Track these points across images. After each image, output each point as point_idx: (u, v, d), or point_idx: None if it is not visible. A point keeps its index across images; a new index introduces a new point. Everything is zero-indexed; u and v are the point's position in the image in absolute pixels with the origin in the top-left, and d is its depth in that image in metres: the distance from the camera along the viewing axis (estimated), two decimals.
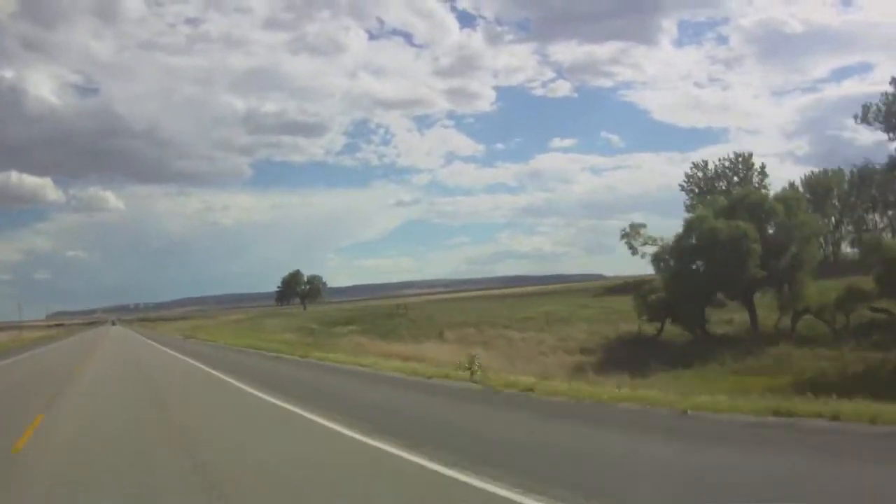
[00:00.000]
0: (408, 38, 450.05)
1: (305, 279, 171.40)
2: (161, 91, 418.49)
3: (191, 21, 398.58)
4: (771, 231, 41.80)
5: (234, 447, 9.79)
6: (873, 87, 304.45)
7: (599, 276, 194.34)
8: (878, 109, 59.78)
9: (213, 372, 23.66)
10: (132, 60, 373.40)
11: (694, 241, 40.67)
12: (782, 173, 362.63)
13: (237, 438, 10.56)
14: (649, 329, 40.43)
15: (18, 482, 8.25)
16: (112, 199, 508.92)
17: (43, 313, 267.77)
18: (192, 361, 29.95)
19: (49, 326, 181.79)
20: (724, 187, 77.05)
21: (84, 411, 14.67)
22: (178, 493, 7.30)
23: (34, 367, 32.63)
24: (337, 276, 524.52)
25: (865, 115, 60.93)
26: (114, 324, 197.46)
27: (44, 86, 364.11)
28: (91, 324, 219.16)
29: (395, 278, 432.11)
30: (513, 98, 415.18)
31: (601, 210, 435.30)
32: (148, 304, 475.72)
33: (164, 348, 42.72)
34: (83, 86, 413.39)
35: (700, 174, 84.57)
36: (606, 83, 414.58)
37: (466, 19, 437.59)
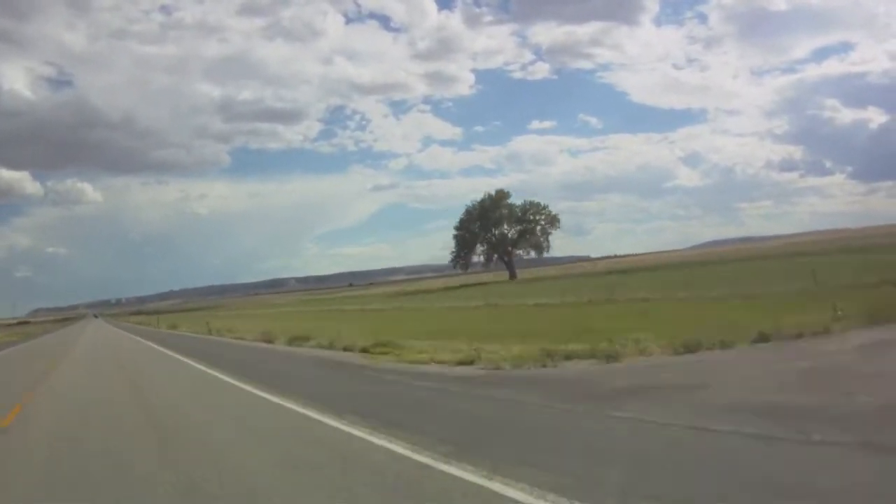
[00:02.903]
0: (385, 21, 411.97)
1: (519, 212, 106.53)
2: (136, 81, 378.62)
3: (164, 8, 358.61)
4: None
5: None
6: (853, 66, 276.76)
7: (586, 258, 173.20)
8: None
9: None
10: (105, 50, 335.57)
11: None
12: (761, 152, 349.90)
13: None
14: None
15: None
16: (90, 190, 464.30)
17: (23, 310, 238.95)
18: None
19: (9, 325, 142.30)
20: None
21: None
22: None
23: None
24: (317, 263, 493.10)
25: None
26: (96, 317, 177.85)
27: (17, 79, 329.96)
28: (66, 320, 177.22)
29: (376, 264, 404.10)
30: (492, 81, 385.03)
31: (579, 191, 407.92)
32: (129, 299, 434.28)
33: None
34: (56, 78, 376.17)
35: None
36: (586, 65, 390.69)
37: (444, 0, 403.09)
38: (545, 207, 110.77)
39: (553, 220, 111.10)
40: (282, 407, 10.02)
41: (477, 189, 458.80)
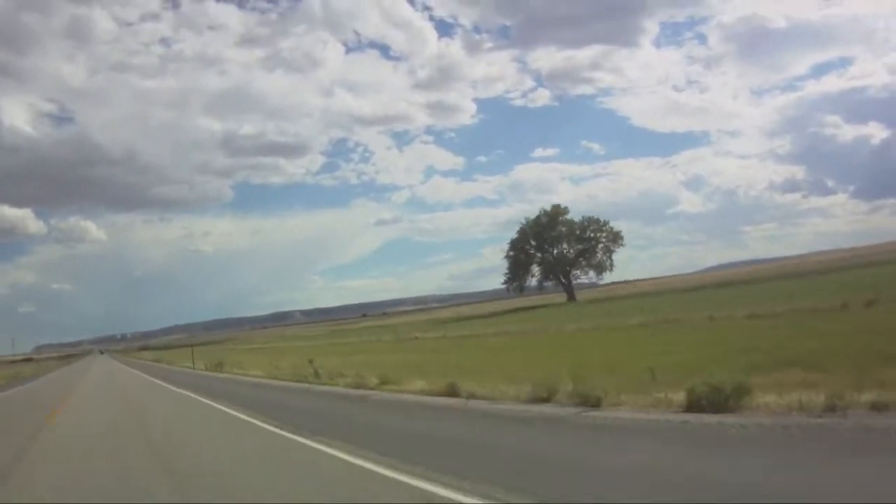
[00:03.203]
0: (384, 50, 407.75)
1: (577, 230, 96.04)
2: (136, 116, 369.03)
3: (164, 41, 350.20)
4: None
5: None
6: (853, 82, 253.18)
7: (594, 285, 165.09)
8: None
9: None
10: (105, 84, 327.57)
11: None
12: (763, 173, 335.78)
13: None
14: None
15: None
16: (93, 229, 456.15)
17: (27, 346, 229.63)
18: None
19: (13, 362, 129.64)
20: None
21: None
22: None
23: None
24: (322, 296, 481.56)
25: None
26: (102, 353, 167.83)
27: (18, 115, 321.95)
28: (69, 357, 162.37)
29: (380, 297, 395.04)
30: (493, 110, 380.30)
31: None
32: (135, 334, 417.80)
33: None
34: (57, 114, 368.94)
35: None
36: (587, 90, 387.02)
37: (444, 28, 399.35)
38: (606, 223, 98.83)
39: (616, 238, 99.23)
40: None
41: (479, 221, 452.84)
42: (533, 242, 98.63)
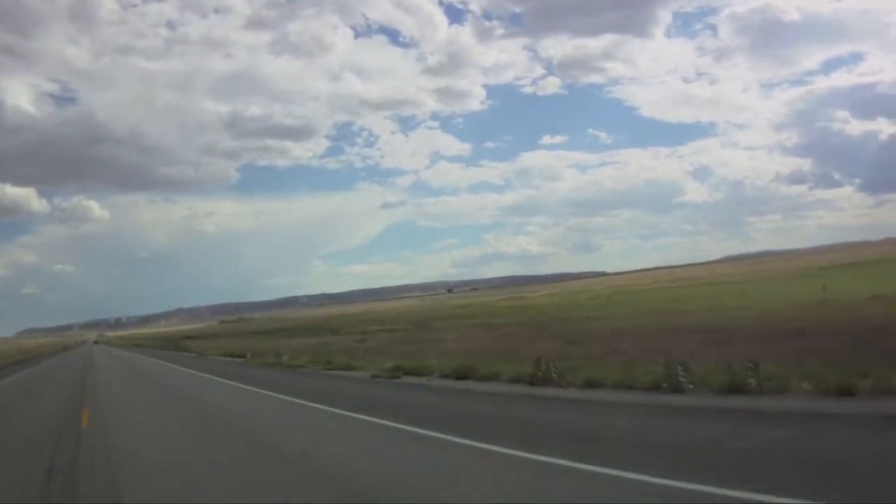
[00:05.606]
0: (394, 35, 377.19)
1: None
2: (141, 97, 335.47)
3: (170, 23, 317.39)
4: None
5: None
6: (863, 77, 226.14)
7: (602, 273, 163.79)
8: None
9: None
10: (110, 66, 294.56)
11: None
12: (770, 165, 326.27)
13: None
14: None
15: None
16: (96, 208, 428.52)
17: (10, 329, 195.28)
18: None
19: None
20: None
21: None
22: None
23: None
24: (326, 281, 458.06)
25: None
26: (96, 342, 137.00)
27: (21, 95, 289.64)
28: (25, 361, 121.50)
29: (386, 282, 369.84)
30: (502, 96, 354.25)
31: (588, 207, 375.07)
32: (131, 318, 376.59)
33: None
34: (60, 94, 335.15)
35: None
36: (597, 79, 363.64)
37: (454, 14, 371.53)
38: None
39: None
40: None
41: (485, 206, 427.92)
42: None
